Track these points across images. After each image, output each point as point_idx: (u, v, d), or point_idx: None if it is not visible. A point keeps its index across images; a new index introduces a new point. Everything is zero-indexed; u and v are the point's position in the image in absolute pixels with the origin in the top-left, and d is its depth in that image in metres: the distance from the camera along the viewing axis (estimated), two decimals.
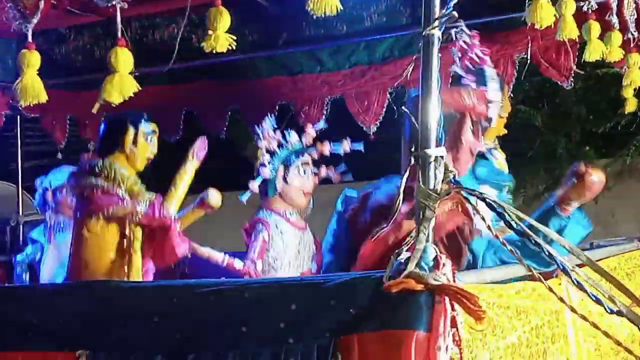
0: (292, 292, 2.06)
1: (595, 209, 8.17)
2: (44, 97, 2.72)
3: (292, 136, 3.77)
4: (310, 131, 3.77)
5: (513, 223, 1.93)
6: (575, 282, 1.93)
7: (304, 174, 3.74)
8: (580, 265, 2.16)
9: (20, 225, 4.96)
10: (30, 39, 2.67)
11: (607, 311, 2.06)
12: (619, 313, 2.06)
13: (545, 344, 2.44)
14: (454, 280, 1.91)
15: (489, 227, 1.96)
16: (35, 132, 5.84)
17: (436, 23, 1.87)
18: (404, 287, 1.86)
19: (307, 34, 4.22)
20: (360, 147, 3.70)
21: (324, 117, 4.38)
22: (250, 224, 3.78)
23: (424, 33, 1.89)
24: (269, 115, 3.85)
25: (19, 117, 5.04)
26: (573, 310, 2.22)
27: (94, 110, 2.61)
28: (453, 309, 1.89)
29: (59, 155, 4.97)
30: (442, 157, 1.92)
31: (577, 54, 4.01)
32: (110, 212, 3.39)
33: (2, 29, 4.34)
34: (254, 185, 3.72)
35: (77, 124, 4.85)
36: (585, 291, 2.02)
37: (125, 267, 3.44)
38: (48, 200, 4.43)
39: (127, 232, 3.44)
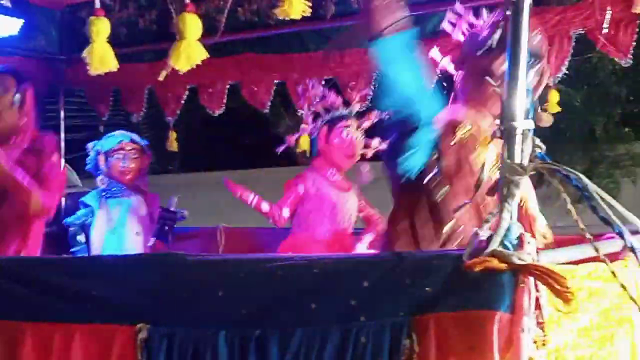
0: (364, 269, 1.98)
1: (634, 190, 8.06)
2: (114, 65, 2.65)
3: (336, 98, 3.99)
4: (357, 98, 4.00)
5: (597, 205, 1.85)
6: None
7: (346, 136, 3.92)
8: None
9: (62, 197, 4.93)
10: (98, 5, 2.59)
11: None
12: None
13: (613, 327, 2.37)
14: (539, 260, 1.83)
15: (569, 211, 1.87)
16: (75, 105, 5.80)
17: None
18: (486, 266, 1.79)
19: (355, 8, 4.12)
20: None
21: (370, 92, 4.31)
22: (291, 179, 4.00)
23: None
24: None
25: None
26: (633, 300, 2.14)
27: (161, 78, 2.53)
28: (537, 290, 1.82)
29: (101, 129, 4.93)
30: (529, 130, 1.83)
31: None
32: None
33: None
34: (291, 138, 3.98)
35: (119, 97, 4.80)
36: None
37: None
38: (100, 164, 4.40)
39: None
